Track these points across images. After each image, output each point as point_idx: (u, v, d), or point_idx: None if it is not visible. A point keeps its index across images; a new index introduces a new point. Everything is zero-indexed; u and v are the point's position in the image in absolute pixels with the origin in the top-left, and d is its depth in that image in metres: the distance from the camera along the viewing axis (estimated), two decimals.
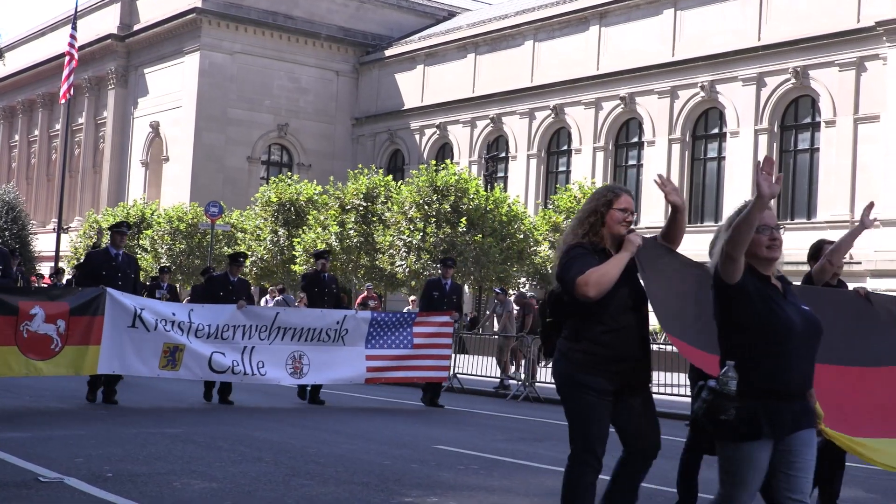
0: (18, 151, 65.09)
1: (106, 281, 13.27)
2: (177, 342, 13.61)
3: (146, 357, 13.44)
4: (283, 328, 14.57)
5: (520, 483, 8.97)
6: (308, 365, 14.71)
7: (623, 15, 40.76)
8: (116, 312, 13.06)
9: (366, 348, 15.20)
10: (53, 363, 12.52)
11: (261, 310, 15.79)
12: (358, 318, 15.43)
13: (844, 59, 33.55)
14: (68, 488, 7.45)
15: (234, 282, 14.96)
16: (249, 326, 14.31)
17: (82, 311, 12.77)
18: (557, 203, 33.46)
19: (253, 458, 9.44)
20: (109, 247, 14.02)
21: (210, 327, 13.98)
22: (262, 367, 14.30)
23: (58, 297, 13.00)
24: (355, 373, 15.26)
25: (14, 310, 12.21)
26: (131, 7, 55.13)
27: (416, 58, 50.09)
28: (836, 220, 33.26)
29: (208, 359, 13.90)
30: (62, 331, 12.50)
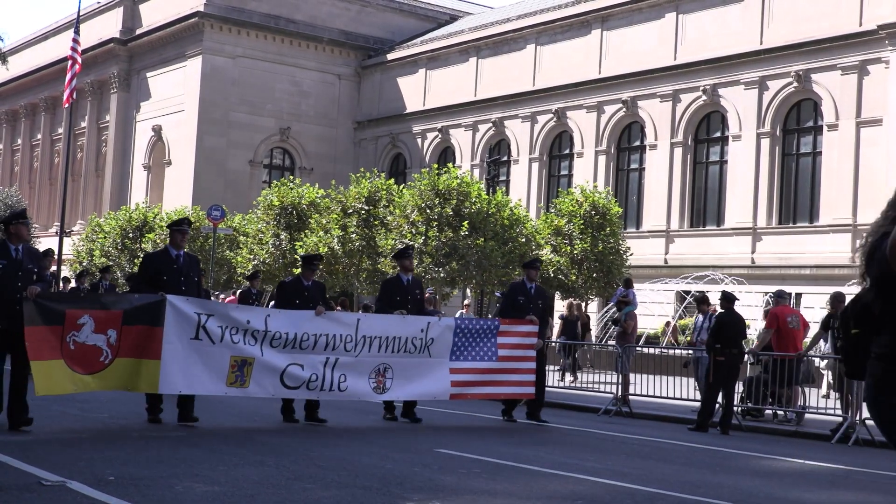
0: (21, 155, 65.14)
1: (167, 286, 11.82)
2: (245, 355, 12.08)
3: (213, 373, 11.90)
4: (367, 337, 13.04)
5: (522, 487, 8.97)
6: (391, 379, 13.29)
7: (625, 18, 40.77)
8: (178, 322, 11.57)
9: (450, 360, 13.75)
10: (102, 377, 11.14)
11: (342, 316, 14.01)
12: (442, 325, 13.87)
13: (847, 63, 33.54)
14: (70, 492, 7.45)
15: (308, 286, 13.45)
16: (333, 336, 12.79)
17: (137, 320, 11.36)
18: (559, 207, 33.40)
19: (255, 461, 9.44)
20: (169, 247, 12.34)
21: (288, 335, 12.43)
22: (343, 381, 12.82)
23: (110, 305, 11.48)
24: (439, 388, 13.79)
25: (60, 318, 10.86)
26: (134, 11, 55.19)
27: (417, 61, 50.11)
28: (838, 223, 33.24)
29: (282, 372, 12.35)
30: (113, 341, 11.14)
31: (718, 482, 9.92)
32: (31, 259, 11.20)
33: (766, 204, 35.41)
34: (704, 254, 35.64)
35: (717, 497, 8.85)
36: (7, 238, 11.14)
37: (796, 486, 10.12)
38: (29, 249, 11.26)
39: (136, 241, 41.40)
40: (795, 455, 12.60)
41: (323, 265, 33.40)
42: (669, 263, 36.51)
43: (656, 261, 37.25)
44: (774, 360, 16.34)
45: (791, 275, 32.21)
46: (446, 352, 13.70)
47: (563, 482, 9.33)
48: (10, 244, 11.04)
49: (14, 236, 11.11)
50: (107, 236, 42.18)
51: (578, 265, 32.24)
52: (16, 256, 11.00)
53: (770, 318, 17.19)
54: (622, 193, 40.18)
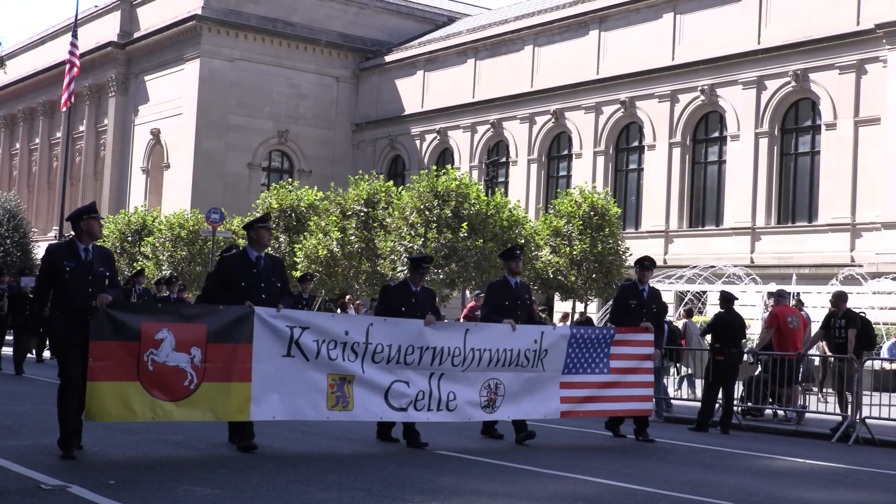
0: (19, 159, 65.14)
1: (246, 293, 10.16)
2: (345, 371, 10.58)
3: (311, 395, 10.38)
4: (477, 349, 11.57)
5: (522, 488, 8.97)
6: (502, 396, 11.79)
7: (623, 19, 40.78)
8: (267, 338, 10.05)
9: (561, 374, 12.31)
10: (187, 405, 9.56)
11: (450, 326, 12.30)
12: (556, 335, 12.38)
13: (844, 62, 33.55)
14: (71, 496, 7.46)
15: (416, 292, 11.80)
16: (441, 349, 11.29)
17: (224, 337, 9.80)
18: (558, 208, 33.43)
19: (255, 464, 9.44)
20: (249, 248, 10.52)
21: (391, 348, 10.92)
22: (452, 399, 11.38)
23: (192, 318, 9.78)
24: (549, 406, 12.28)
25: (136, 333, 9.31)
26: (131, 14, 55.18)
27: (416, 63, 50.12)
28: (836, 222, 33.25)
29: (386, 391, 10.87)
30: (198, 362, 9.57)
31: (719, 482, 9.92)
32: (103, 261, 9.66)
33: (765, 203, 35.42)
34: (703, 254, 35.62)
35: (717, 497, 8.85)
36: (77, 236, 9.70)
37: (797, 486, 10.12)
38: (100, 250, 9.76)
39: (135, 245, 41.41)
40: (796, 454, 12.60)
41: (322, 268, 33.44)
42: (669, 263, 36.51)
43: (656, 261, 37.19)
44: (774, 359, 16.34)
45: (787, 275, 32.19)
46: (560, 365, 12.25)
47: (564, 483, 9.33)
48: (80, 243, 9.58)
49: (85, 234, 9.63)
50: (105, 240, 42.15)
51: (578, 266, 32.26)
52: (85, 258, 9.50)
53: (770, 318, 17.19)
54: (621, 194, 40.19)
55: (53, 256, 9.53)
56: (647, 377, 13.17)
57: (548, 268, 32.56)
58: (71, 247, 9.58)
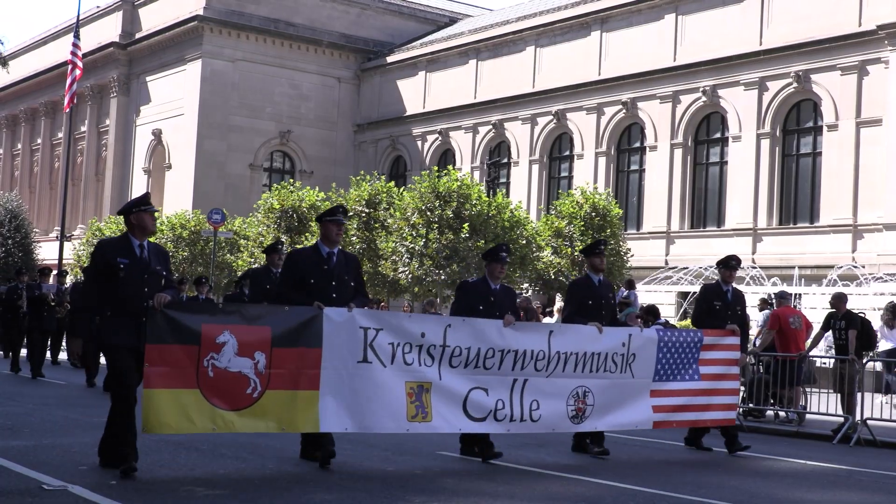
0: (21, 160, 65.18)
1: (316, 292, 9.35)
2: (422, 378, 9.64)
3: (390, 404, 9.46)
4: (562, 353, 10.56)
5: (523, 489, 8.97)
6: (591, 406, 10.81)
7: (624, 20, 40.78)
8: (340, 341, 9.17)
9: (652, 381, 11.41)
10: (250, 415, 8.74)
11: (532, 327, 11.30)
12: (644, 337, 11.42)
13: (846, 63, 33.54)
14: (72, 496, 7.46)
15: (495, 290, 10.78)
16: (523, 352, 10.25)
17: (291, 341, 8.93)
18: (560, 209, 33.44)
19: (257, 465, 9.44)
20: (320, 243, 9.71)
21: (470, 351, 9.93)
22: (535, 408, 10.35)
23: (256, 319, 8.91)
24: (641, 416, 11.36)
25: (195, 336, 8.50)
26: (133, 15, 55.22)
27: (417, 64, 50.14)
28: (838, 223, 33.24)
29: (464, 399, 9.90)
30: (262, 368, 8.75)
31: (720, 482, 9.93)
32: (159, 258, 8.93)
33: (767, 204, 35.41)
34: (705, 255, 35.57)
35: (719, 498, 8.85)
36: (129, 231, 8.84)
37: (798, 487, 10.12)
38: (155, 247, 9.01)
39: None
40: (797, 455, 12.60)
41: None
42: (670, 264, 36.50)
43: (657, 262, 37.23)
44: (776, 360, 16.34)
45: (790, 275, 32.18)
46: (650, 371, 11.34)
47: (565, 483, 9.33)
48: (134, 238, 8.77)
49: (137, 229, 8.78)
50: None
51: (579, 267, 32.24)
52: (140, 255, 8.73)
53: (772, 318, 17.20)
54: (622, 195, 40.18)
55: (106, 252, 8.70)
56: (734, 384, 12.41)
57: (549, 269, 32.56)
58: (124, 242, 8.79)
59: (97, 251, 8.80)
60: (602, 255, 11.85)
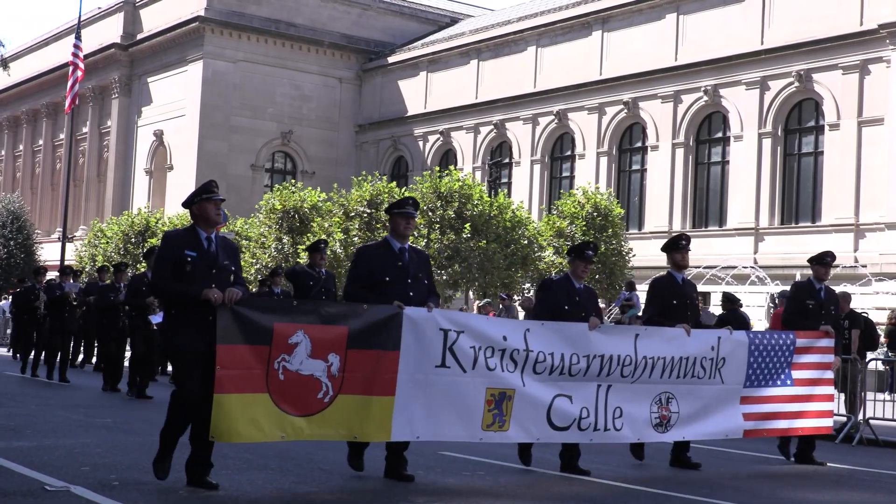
0: (23, 161, 65.21)
1: (390, 291, 8.67)
2: (505, 385, 9.00)
3: (465, 412, 8.85)
4: (649, 358, 9.90)
5: (526, 489, 8.96)
6: (676, 413, 10.14)
7: (626, 20, 40.77)
8: (419, 344, 8.52)
9: (743, 387, 10.62)
10: (320, 421, 8.16)
11: (618, 330, 10.66)
12: (734, 340, 10.58)
13: (848, 63, 33.53)
14: (75, 497, 7.46)
15: (579, 290, 10.15)
16: (610, 357, 9.65)
17: (367, 342, 8.28)
18: (561, 208, 33.44)
19: (258, 465, 9.44)
20: (390, 238, 9.02)
21: (553, 357, 9.30)
22: (619, 416, 9.75)
23: (333, 319, 8.23)
24: (731, 424, 10.64)
25: (267, 336, 7.85)
26: (134, 16, 55.24)
27: (418, 64, 50.14)
28: (840, 223, 33.22)
29: (548, 407, 9.28)
30: (335, 371, 8.12)
31: (722, 483, 9.92)
32: (228, 253, 8.15)
33: (769, 204, 35.40)
34: (706, 255, 35.59)
35: (721, 498, 8.85)
36: (195, 223, 8.13)
37: (800, 487, 10.11)
38: (223, 240, 8.25)
39: (139, 247, 41.41)
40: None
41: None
42: None
43: (659, 262, 37.12)
44: None
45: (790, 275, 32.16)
46: (740, 376, 10.57)
47: (567, 484, 9.32)
48: (201, 231, 8.05)
49: (202, 220, 8.07)
50: (109, 241, 42.19)
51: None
52: (208, 248, 8.00)
53: (774, 318, 17.18)
54: (624, 195, 40.17)
55: (174, 244, 7.98)
56: (828, 389, 11.56)
57: (551, 269, 32.54)
58: (191, 235, 8.03)
59: (167, 242, 8.06)
60: (685, 251, 10.94)
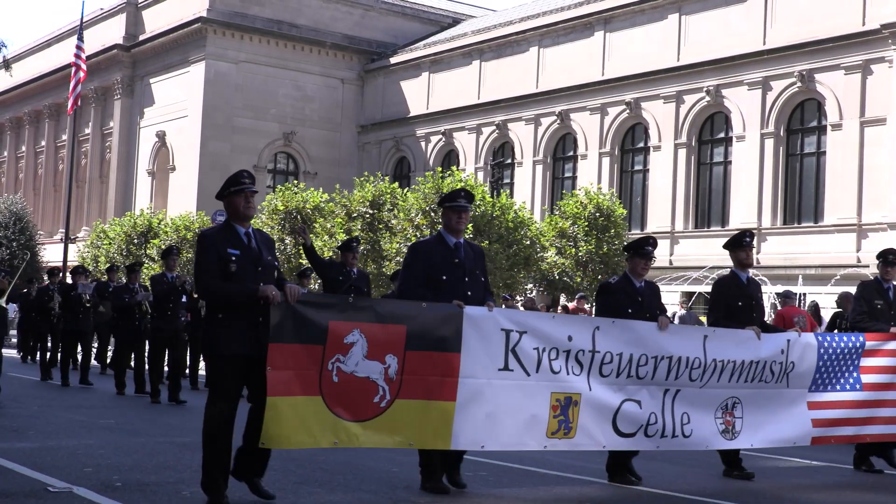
0: (25, 162, 65.25)
1: (447, 290, 8.16)
2: (570, 389, 8.43)
3: (529, 419, 8.25)
4: (719, 361, 9.30)
5: (529, 490, 8.96)
6: (741, 419, 9.55)
7: (628, 20, 40.77)
8: (481, 345, 7.96)
9: (809, 391, 10.03)
10: (375, 427, 7.59)
11: (686, 330, 10.27)
12: (802, 343, 9.98)
13: (850, 63, 33.51)
14: (77, 498, 7.46)
15: (641, 288, 9.52)
16: (679, 359, 9.04)
17: (426, 343, 7.74)
18: (564, 209, 33.44)
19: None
20: (445, 233, 8.47)
21: (621, 358, 8.73)
22: (686, 422, 9.16)
23: (391, 318, 7.69)
24: (799, 431, 9.99)
25: (321, 335, 7.31)
26: (137, 17, 55.27)
27: (421, 65, 50.15)
28: (843, 223, 33.20)
29: (615, 413, 8.70)
30: (392, 374, 7.58)
31: (724, 483, 9.91)
32: (268, 247, 7.64)
33: (771, 204, 35.40)
34: (709, 255, 35.55)
35: (723, 498, 8.84)
36: (230, 218, 7.53)
37: (803, 486, 10.11)
38: (260, 234, 7.67)
39: (141, 248, 41.45)
40: (802, 455, 12.58)
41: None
42: (674, 265, 36.48)
43: (661, 262, 37.18)
44: None
45: (793, 275, 32.15)
46: (807, 380, 9.99)
47: (571, 485, 9.32)
48: (239, 227, 7.46)
49: (233, 214, 7.50)
50: (112, 242, 42.22)
51: (583, 267, 32.25)
52: (249, 243, 7.44)
53: (777, 319, 17.20)
54: (626, 195, 40.17)
55: (216, 243, 7.35)
56: None
57: (553, 269, 32.55)
58: (230, 231, 7.44)
59: (207, 241, 7.40)
60: (749, 248, 10.35)
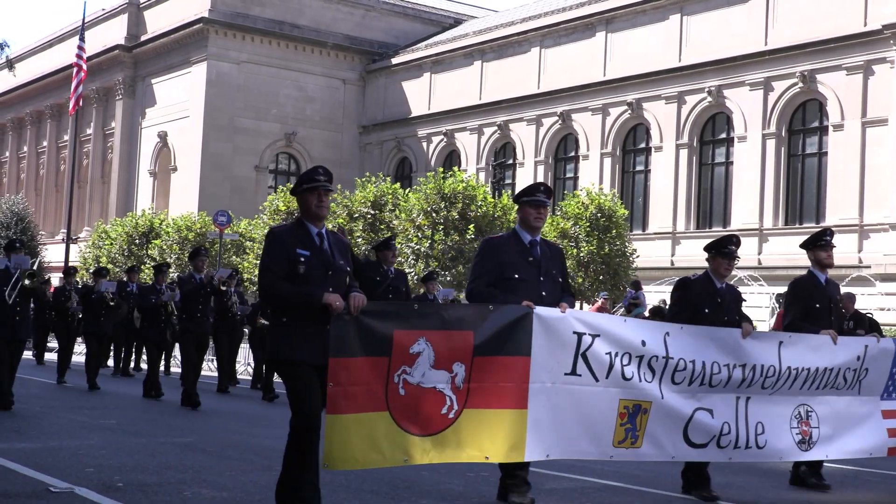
0: (27, 162, 65.29)
1: (522, 290, 7.63)
2: (641, 396, 7.90)
3: (594, 426, 7.74)
4: (793, 368, 8.76)
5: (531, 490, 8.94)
6: (816, 428, 8.96)
7: (629, 21, 40.77)
8: (550, 349, 7.42)
9: (881, 399, 9.44)
10: (443, 441, 7.03)
11: (762, 336, 9.03)
12: (880, 348, 9.41)
13: (852, 63, 33.51)
14: (79, 498, 7.46)
15: (721, 289, 9.07)
16: (753, 366, 8.51)
17: (495, 348, 7.18)
18: (565, 209, 33.45)
19: (263, 466, 9.44)
20: (520, 229, 7.95)
21: (695, 365, 8.19)
22: (761, 432, 8.60)
23: (457, 323, 7.15)
24: (875, 440, 9.34)
25: (386, 346, 6.79)
26: (138, 18, 55.31)
27: (422, 65, 50.16)
28: (844, 223, 33.19)
29: (686, 422, 8.18)
30: (459, 382, 7.03)
31: (727, 483, 9.90)
32: (341, 251, 7.10)
33: (773, 205, 35.40)
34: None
35: (725, 498, 8.83)
36: (305, 216, 6.97)
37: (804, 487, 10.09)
38: (334, 235, 7.13)
39: (143, 248, 41.47)
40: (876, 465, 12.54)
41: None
42: (676, 265, 36.47)
43: (663, 262, 37.22)
44: None
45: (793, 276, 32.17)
46: (879, 388, 9.41)
47: (573, 484, 9.32)
48: (311, 226, 6.92)
49: (305, 212, 6.97)
50: (113, 243, 42.25)
51: (585, 268, 32.24)
52: (320, 244, 6.90)
53: (778, 319, 17.18)
54: (628, 195, 40.17)
55: (286, 241, 6.81)
56: None
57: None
58: (301, 230, 6.89)
59: (275, 239, 6.84)
60: (829, 248, 9.90)
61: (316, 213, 6.87)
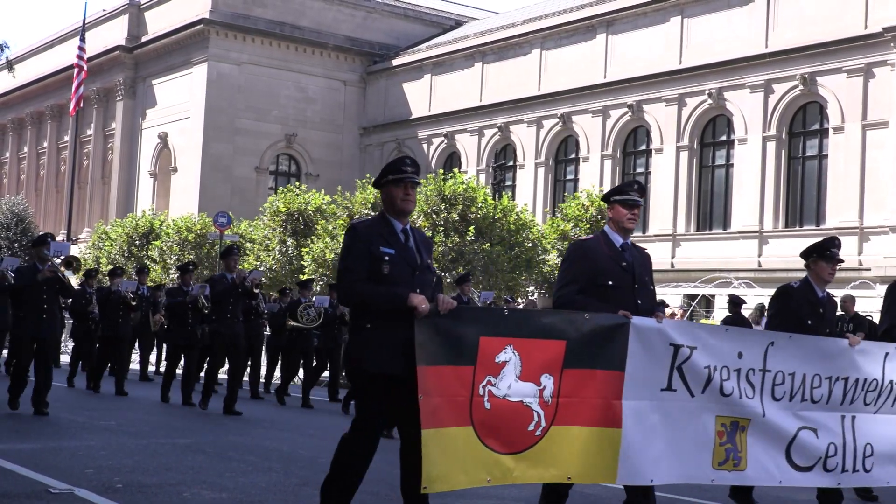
0: (27, 163, 65.30)
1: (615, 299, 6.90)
2: (740, 413, 7.14)
3: (694, 445, 7.01)
4: (895, 383, 7.97)
5: (531, 490, 8.94)
6: None
7: (630, 23, 40.77)
8: (645, 362, 6.73)
9: None
10: (531, 458, 6.40)
11: (868, 348, 7.96)
12: None
13: (852, 66, 33.51)
14: (78, 499, 7.46)
15: (823, 299, 8.55)
16: (854, 381, 7.69)
17: (587, 360, 6.52)
18: (566, 211, 33.44)
19: (263, 468, 9.43)
20: (610, 231, 7.23)
21: (794, 378, 7.39)
22: (869, 454, 7.75)
23: (548, 331, 6.46)
24: None
25: (472, 352, 6.13)
26: (139, 18, 55.32)
27: (423, 67, 50.16)
28: (844, 226, 33.19)
29: (789, 442, 7.36)
30: (548, 396, 6.37)
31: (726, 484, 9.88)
32: (427, 249, 6.56)
33: (773, 207, 35.39)
34: (711, 257, 35.63)
35: (725, 499, 8.82)
36: (388, 210, 6.44)
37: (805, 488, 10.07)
38: (420, 233, 6.61)
39: (143, 249, 41.47)
40: None
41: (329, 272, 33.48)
42: (676, 267, 36.46)
43: (663, 265, 37.19)
44: None
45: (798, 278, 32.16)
46: None
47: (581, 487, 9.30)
48: (396, 221, 6.40)
49: (394, 208, 6.40)
50: (113, 244, 42.25)
51: None
52: (406, 241, 6.38)
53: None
54: None
55: (370, 238, 6.26)
56: None
57: (555, 272, 32.52)
58: (384, 226, 6.34)
59: (356, 235, 6.30)
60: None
61: (402, 208, 6.34)
